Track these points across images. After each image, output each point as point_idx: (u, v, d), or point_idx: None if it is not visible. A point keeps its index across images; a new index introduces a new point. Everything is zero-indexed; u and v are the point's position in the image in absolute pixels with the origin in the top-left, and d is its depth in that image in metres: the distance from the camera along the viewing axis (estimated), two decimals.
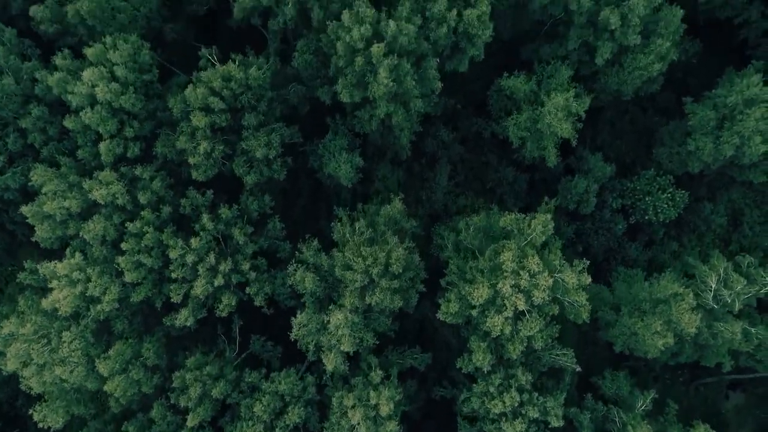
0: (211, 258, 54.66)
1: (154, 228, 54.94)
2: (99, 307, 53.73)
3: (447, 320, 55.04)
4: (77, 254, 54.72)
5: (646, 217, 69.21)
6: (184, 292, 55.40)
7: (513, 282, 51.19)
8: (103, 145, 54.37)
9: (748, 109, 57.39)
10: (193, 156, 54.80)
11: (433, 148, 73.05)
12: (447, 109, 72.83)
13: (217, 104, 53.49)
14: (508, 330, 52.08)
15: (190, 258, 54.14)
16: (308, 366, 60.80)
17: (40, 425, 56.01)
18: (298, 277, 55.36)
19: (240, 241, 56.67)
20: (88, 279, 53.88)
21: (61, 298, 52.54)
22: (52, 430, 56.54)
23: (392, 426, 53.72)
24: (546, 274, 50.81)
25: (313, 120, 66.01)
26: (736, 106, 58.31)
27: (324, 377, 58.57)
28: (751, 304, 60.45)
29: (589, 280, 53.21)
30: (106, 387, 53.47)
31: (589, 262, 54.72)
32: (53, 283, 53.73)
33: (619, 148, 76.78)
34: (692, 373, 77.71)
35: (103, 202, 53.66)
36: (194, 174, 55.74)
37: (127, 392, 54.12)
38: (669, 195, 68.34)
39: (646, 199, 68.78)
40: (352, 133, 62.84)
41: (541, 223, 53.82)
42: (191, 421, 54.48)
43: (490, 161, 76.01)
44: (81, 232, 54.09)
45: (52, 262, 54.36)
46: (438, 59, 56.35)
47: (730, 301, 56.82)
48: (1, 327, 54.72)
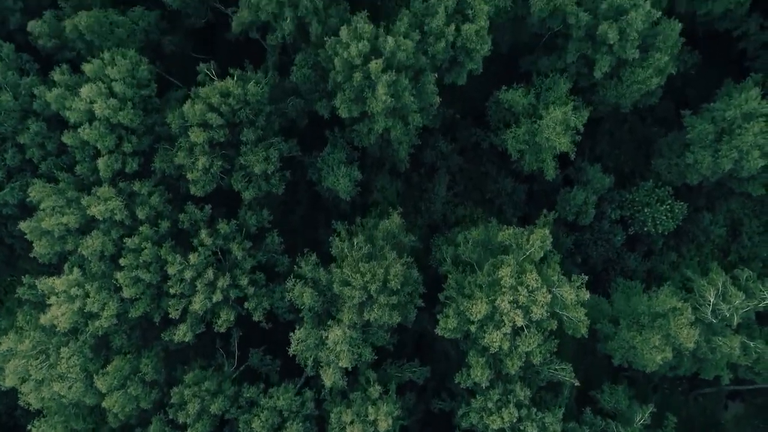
0: (210, 273, 54.63)
1: (152, 243, 54.89)
2: (97, 322, 53.74)
3: (445, 336, 55.03)
4: (75, 269, 54.68)
5: (645, 229, 69.19)
6: (182, 308, 55.39)
7: (511, 298, 51.22)
8: (101, 161, 54.36)
9: (746, 123, 57.29)
10: (192, 172, 54.77)
11: (432, 159, 73.00)
12: (446, 120, 72.76)
13: (215, 120, 53.38)
14: (506, 346, 52.05)
15: (189, 274, 54.15)
16: (306, 380, 60.81)
17: None
18: (297, 293, 55.35)
19: (238, 256, 56.63)
20: (87, 295, 53.86)
21: (60, 315, 52.52)
22: None
23: None
24: (544, 290, 50.85)
25: (312, 131, 65.90)
26: (734, 120, 58.19)
27: (322, 392, 58.57)
28: (750, 317, 60.48)
29: (588, 296, 53.23)
30: (104, 403, 53.44)
31: (587, 278, 54.78)
32: (51, 299, 53.69)
33: (617, 158, 76.68)
34: (691, 383, 77.59)
35: (102, 218, 53.62)
36: (192, 189, 55.70)
37: (126, 408, 54.08)
38: (668, 207, 68.32)
39: (645, 210, 68.74)
40: (351, 146, 62.76)
41: (540, 238, 53.82)
42: None
43: (489, 171, 75.97)
44: (79, 248, 54.05)
45: (51, 278, 54.31)
46: (436, 74, 56.28)
47: (728, 315, 56.83)
48: (0, 343, 54.77)
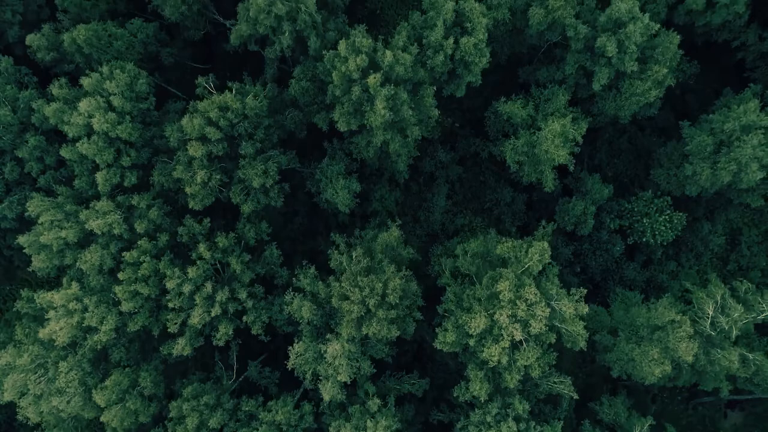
0: (208, 287, 54.62)
1: (150, 257, 54.89)
2: (96, 336, 53.76)
3: (444, 349, 54.98)
4: (74, 283, 54.65)
5: (644, 239, 69.11)
6: (181, 321, 55.35)
7: (510, 312, 51.14)
8: (100, 175, 54.35)
9: (745, 136, 57.13)
10: (190, 185, 54.71)
11: (431, 168, 72.98)
12: (445, 129, 72.72)
13: (213, 134, 53.33)
14: (505, 360, 51.98)
15: (187, 287, 54.14)
16: (305, 391, 60.78)
17: None
18: (296, 306, 55.32)
19: (237, 270, 56.58)
20: (85, 309, 53.87)
21: (58, 329, 52.55)
22: None
23: None
24: (543, 304, 50.80)
25: (311, 141, 65.87)
26: (733, 132, 58.04)
27: (321, 405, 58.52)
28: (748, 329, 60.42)
29: (586, 309, 53.19)
30: (103, 417, 53.47)
31: (586, 291, 54.70)
32: (50, 313, 53.68)
33: (617, 167, 76.63)
34: (690, 392, 77.65)
35: (100, 232, 53.62)
36: (191, 203, 55.65)
37: (124, 422, 54.10)
38: (667, 216, 68.26)
39: (644, 220, 68.67)
40: (350, 157, 62.65)
41: (539, 252, 53.74)
42: None
43: (488, 181, 75.98)
44: (78, 262, 54.02)
45: (49, 293, 54.30)
46: (435, 87, 56.22)
47: (727, 328, 56.70)
48: None
